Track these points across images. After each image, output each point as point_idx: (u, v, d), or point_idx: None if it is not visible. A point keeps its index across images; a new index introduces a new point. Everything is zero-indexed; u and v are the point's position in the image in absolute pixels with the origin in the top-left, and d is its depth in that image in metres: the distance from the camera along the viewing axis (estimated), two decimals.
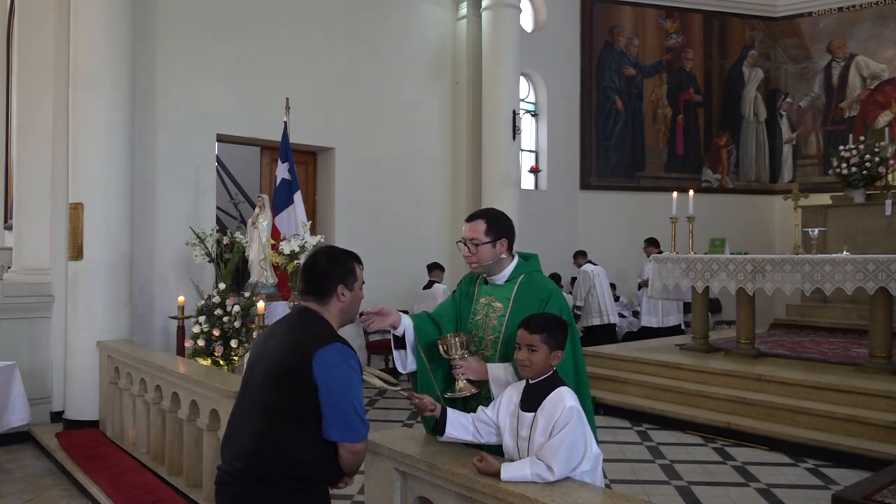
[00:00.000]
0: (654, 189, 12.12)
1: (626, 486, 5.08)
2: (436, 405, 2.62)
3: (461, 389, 2.76)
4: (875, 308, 6.64)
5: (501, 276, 2.89)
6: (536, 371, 2.49)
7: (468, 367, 2.76)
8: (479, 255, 2.82)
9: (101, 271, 6.32)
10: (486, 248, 2.80)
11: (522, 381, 2.55)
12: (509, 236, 2.86)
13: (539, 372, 2.48)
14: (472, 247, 2.81)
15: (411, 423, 6.99)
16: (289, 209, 7.18)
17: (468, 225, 2.85)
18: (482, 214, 2.87)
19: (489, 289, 2.92)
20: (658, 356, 7.80)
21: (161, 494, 4.64)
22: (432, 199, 10.15)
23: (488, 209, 2.96)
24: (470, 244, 2.82)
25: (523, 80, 11.23)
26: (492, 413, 2.60)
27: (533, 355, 2.47)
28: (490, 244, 2.80)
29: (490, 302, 2.89)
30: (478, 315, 2.91)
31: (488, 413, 2.61)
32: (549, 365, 2.48)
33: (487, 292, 2.92)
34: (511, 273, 2.88)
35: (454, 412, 2.65)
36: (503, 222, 2.86)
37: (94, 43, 6.37)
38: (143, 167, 7.23)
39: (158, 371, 5.17)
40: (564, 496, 2.24)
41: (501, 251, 2.83)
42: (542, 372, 2.48)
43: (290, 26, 8.56)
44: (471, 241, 2.81)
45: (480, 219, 2.83)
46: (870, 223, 9.65)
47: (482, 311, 2.90)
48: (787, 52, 12.88)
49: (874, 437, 5.67)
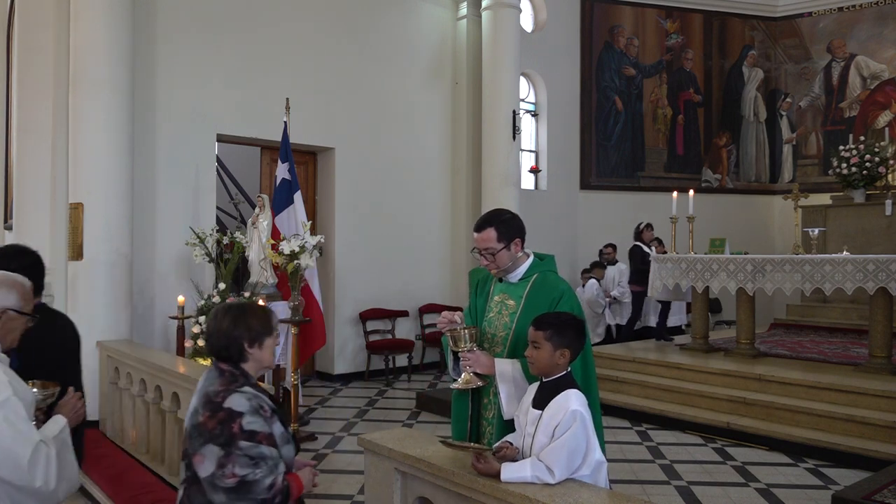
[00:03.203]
0: (654, 189, 12.12)
1: (626, 486, 5.08)
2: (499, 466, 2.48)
3: (467, 382, 2.77)
4: (875, 308, 6.64)
5: (516, 275, 2.91)
6: (541, 368, 2.49)
7: (476, 361, 2.76)
8: (497, 262, 2.85)
9: (101, 271, 6.32)
10: (502, 254, 2.83)
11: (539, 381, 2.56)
12: (521, 235, 2.88)
13: (547, 370, 2.48)
14: (488, 256, 2.84)
15: (411, 423, 7.00)
16: (289, 209, 7.18)
17: (479, 235, 2.85)
18: (490, 221, 2.86)
19: (503, 286, 2.95)
20: (658, 356, 7.81)
21: (161, 494, 4.63)
22: (432, 199, 10.15)
23: (494, 213, 2.94)
24: (486, 254, 2.84)
25: (523, 80, 11.23)
26: None
27: (536, 352, 2.48)
28: (505, 249, 2.83)
29: (504, 300, 2.92)
30: (491, 312, 2.94)
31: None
32: (556, 363, 2.47)
33: (501, 290, 2.95)
34: (525, 272, 2.90)
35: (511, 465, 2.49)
36: (512, 222, 2.87)
37: (94, 43, 6.37)
38: (143, 167, 7.22)
39: (158, 371, 5.16)
40: (565, 496, 2.24)
41: (517, 251, 2.87)
42: (551, 370, 2.48)
43: (290, 26, 8.55)
44: (486, 251, 2.84)
45: (489, 226, 2.83)
46: (870, 223, 9.66)
47: (496, 308, 2.93)
48: (787, 52, 12.89)
49: (874, 437, 5.67)
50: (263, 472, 2.19)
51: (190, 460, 2.26)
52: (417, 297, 9.81)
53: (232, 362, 2.34)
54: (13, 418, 2.15)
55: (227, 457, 2.17)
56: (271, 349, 2.41)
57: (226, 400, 2.23)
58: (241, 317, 2.35)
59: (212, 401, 2.24)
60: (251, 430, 2.20)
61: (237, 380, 2.31)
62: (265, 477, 2.19)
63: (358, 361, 9.21)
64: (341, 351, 9.10)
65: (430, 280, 10.00)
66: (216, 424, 2.19)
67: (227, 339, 2.33)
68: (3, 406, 2.14)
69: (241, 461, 2.17)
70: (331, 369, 9.06)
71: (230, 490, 2.17)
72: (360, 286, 9.21)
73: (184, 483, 2.32)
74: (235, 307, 2.40)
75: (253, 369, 2.37)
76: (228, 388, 2.27)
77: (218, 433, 2.18)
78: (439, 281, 10.13)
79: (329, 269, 8.99)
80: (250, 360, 2.36)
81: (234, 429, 2.18)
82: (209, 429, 2.20)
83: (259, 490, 2.18)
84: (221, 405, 2.22)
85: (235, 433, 2.18)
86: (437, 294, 10.03)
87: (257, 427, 2.21)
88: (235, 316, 2.35)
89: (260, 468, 2.19)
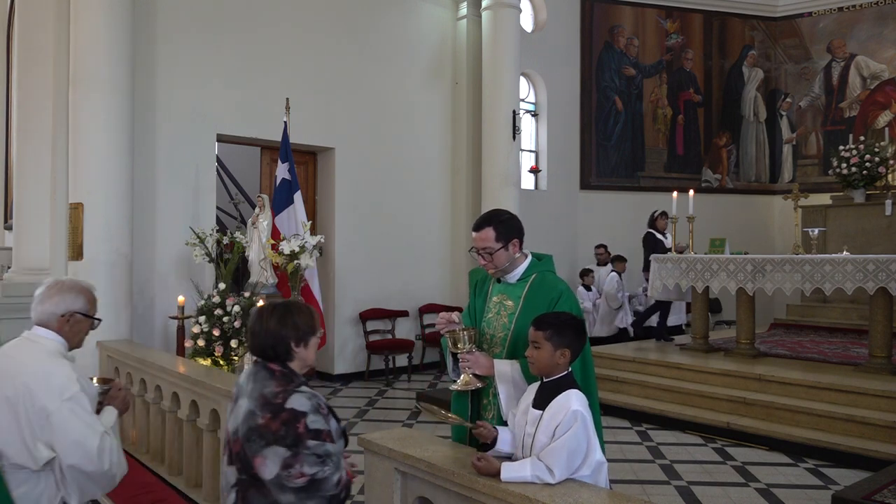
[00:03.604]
0: (654, 189, 12.12)
1: (626, 486, 5.07)
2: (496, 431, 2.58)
3: (467, 382, 2.77)
4: (875, 308, 6.64)
5: (514, 275, 2.91)
6: (541, 368, 2.49)
7: (475, 362, 2.76)
8: (495, 262, 2.85)
9: (101, 271, 6.31)
10: (500, 253, 2.83)
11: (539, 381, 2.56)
12: (519, 235, 2.87)
13: (547, 370, 2.48)
14: (486, 255, 2.84)
15: (411, 423, 6.99)
16: (289, 209, 7.18)
17: (477, 234, 2.85)
18: (488, 221, 2.86)
19: (501, 287, 2.95)
20: (658, 356, 7.81)
21: (161, 494, 4.64)
22: (432, 199, 10.15)
23: (493, 213, 2.93)
24: (484, 253, 2.84)
25: (523, 80, 11.23)
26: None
27: (536, 352, 2.48)
28: (503, 249, 2.82)
29: (502, 300, 2.91)
30: (490, 313, 2.94)
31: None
32: (556, 363, 2.47)
33: (500, 290, 2.94)
34: (524, 272, 2.90)
35: (505, 431, 2.60)
36: (511, 223, 2.86)
37: (94, 43, 6.37)
38: (143, 167, 7.22)
39: (158, 371, 5.17)
40: (565, 496, 2.24)
41: (515, 252, 2.86)
42: (551, 370, 2.48)
43: (290, 26, 8.55)
44: (484, 251, 2.83)
45: (488, 226, 2.83)
46: (870, 223, 9.66)
47: (494, 308, 2.93)
48: (787, 52, 12.89)
49: (874, 437, 5.67)
50: (331, 468, 2.22)
51: (245, 464, 2.22)
52: (417, 297, 9.81)
53: (279, 362, 2.33)
54: (81, 412, 2.43)
55: (295, 457, 2.17)
56: (315, 348, 2.41)
57: (287, 401, 2.22)
58: (288, 316, 2.35)
59: (271, 402, 2.22)
60: (316, 429, 2.20)
61: (292, 380, 2.30)
62: (333, 473, 2.22)
63: (358, 361, 9.21)
64: (341, 351, 9.10)
65: (430, 280, 10.00)
66: (280, 426, 2.18)
67: (275, 338, 2.31)
68: (73, 400, 2.43)
69: (310, 460, 2.18)
70: (331, 369, 9.06)
71: (300, 490, 2.18)
72: (360, 286, 9.21)
73: (235, 486, 2.26)
74: (281, 306, 2.40)
75: (298, 368, 2.37)
76: (286, 388, 2.26)
77: (283, 434, 2.17)
78: (439, 281, 10.13)
79: (329, 269, 8.99)
80: (296, 359, 2.35)
81: (299, 429, 2.18)
82: (273, 430, 2.18)
83: (328, 487, 2.21)
84: (283, 406, 2.21)
85: (301, 433, 2.18)
86: (437, 294, 10.03)
87: (321, 425, 2.22)
88: (282, 315, 2.35)
89: (327, 465, 2.21)
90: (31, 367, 2.46)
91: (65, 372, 2.48)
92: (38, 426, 2.40)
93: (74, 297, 2.62)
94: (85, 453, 2.39)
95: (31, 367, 2.47)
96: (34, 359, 2.50)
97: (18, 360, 2.51)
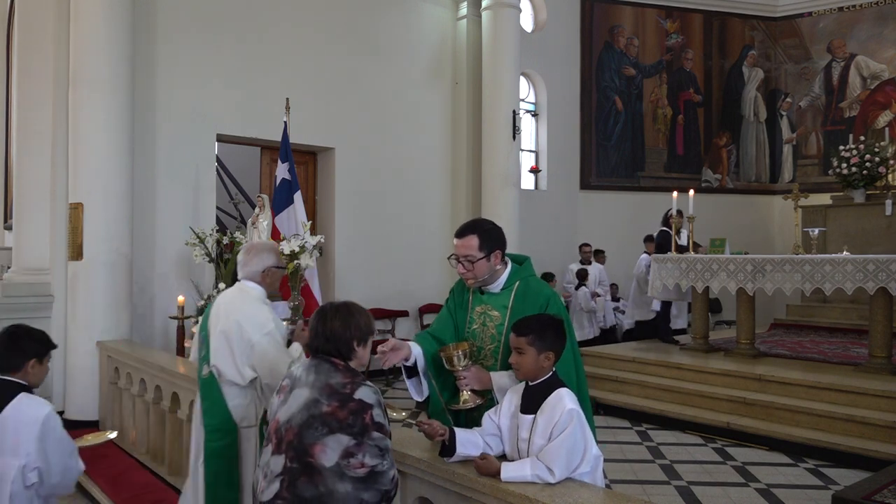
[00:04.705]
0: (654, 189, 12.11)
1: (626, 486, 5.08)
2: (445, 429, 2.54)
3: (466, 401, 2.70)
4: (875, 308, 6.64)
5: (497, 285, 2.83)
6: (527, 373, 2.47)
7: (472, 378, 2.70)
8: (475, 272, 2.75)
9: (101, 271, 6.32)
10: (481, 263, 2.73)
11: (522, 384, 2.53)
12: (502, 247, 2.79)
13: (533, 374, 2.46)
14: (466, 263, 2.74)
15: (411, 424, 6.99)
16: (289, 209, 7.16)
17: (459, 241, 2.76)
18: (472, 229, 2.77)
19: (484, 297, 2.86)
20: (658, 356, 7.81)
21: (161, 494, 4.64)
22: (432, 199, 10.15)
23: (477, 222, 2.86)
24: (464, 261, 2.74)
25: (523, 80, 11.23)
26: (496, 418, 2.58)
27: (521, 358, 2.45)
28: (485, 259, 2.73)
29: (486, 311, 2.83)
30: (474, 324, 2.86)
31: (493, 418, 2.58)
32: (541, 366, 2.45)
33: (483, 301, 2.86)
34: (506, 281, 2.83)
35: (462, 431, 2.58)
36: (495, 234, 2.78)
37: (94, 43, 6.37)
38: (143, 167, 7.22)
39: (158, 371, 5.17)
40: (565, 496, 2.24)
41: (496, 263, 2.78)
42: (537, 374, 2.46)
43: (290, 26, 8.55)
44: (465, 258, 2.74)
45: (472, 233, 2.74)
46: (870, 223, 9.65)
47: (478, 319, 2.85)
48: (787, 52, 12.88)
49: (874, 437, 5.67)
50: (388, 463, 2.26)
51: (299, 452, 2.22)
52: (417, 297, 9.81)
53: (342, 359, 2.40)
54: (276, 344, 3.25)
55: (358, 446, 2.20)
56: (370, 348, 2.51)
57: (355, 391, 2.27)
58: (350, 317, 2.44)
59: (339, 392, 2.27)
60: (380, 423, 2.26)
61: (357, 374, 2.37)
62: (390, 469, 2.26)
63: None
64: None
65: (430, 280, 9.99)
66: (348, 415, 2.22)
67: (339, 338, 2.39)
68: (271, 334, 3.26)
69: (372, 451, 2.21)
70: None
71: (359, 479, 2.19)
72: (360, 286, 9.20)
73: (281, 476, 2.24)
74: (342, 308, 2.48)
75: (355, 366, 2.43)
76: (354, 380, 2.32)
77: (350, 423, 2.21)
78: (439, 281, 10.11)
79: (329, 269, 8.99)
80: (354, 358, 2.42)
81: (366, 419, 2.23)
82: (339, 419, 2.22)
83: (384, 481, 2.24)
84: (352, 396, 2.25)
85: (368, 424, 2.23)
86: (437, 294, 10.01)
87: (383, 420, 2.28)
88: (344, 316, 2.43)
89: (386, 459, 2.25)
90: (241, 309, 3.29)
91: (265, 313, 3.30)
92: (245, 353, 3.22)
93: (268, 255, 3.49)
94: (277, 374, 3.05)
95: (241, 308, 3.29)
96: (243, 302, 3.33)
97: (232, 303, 3.33)
